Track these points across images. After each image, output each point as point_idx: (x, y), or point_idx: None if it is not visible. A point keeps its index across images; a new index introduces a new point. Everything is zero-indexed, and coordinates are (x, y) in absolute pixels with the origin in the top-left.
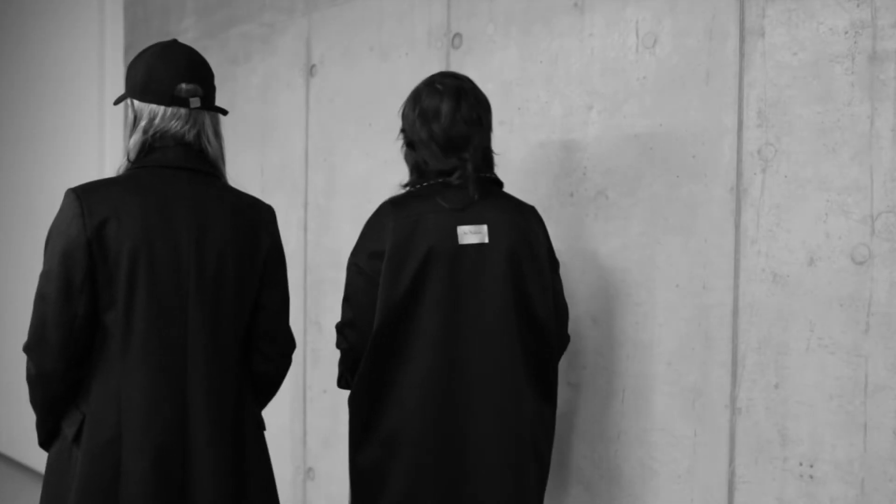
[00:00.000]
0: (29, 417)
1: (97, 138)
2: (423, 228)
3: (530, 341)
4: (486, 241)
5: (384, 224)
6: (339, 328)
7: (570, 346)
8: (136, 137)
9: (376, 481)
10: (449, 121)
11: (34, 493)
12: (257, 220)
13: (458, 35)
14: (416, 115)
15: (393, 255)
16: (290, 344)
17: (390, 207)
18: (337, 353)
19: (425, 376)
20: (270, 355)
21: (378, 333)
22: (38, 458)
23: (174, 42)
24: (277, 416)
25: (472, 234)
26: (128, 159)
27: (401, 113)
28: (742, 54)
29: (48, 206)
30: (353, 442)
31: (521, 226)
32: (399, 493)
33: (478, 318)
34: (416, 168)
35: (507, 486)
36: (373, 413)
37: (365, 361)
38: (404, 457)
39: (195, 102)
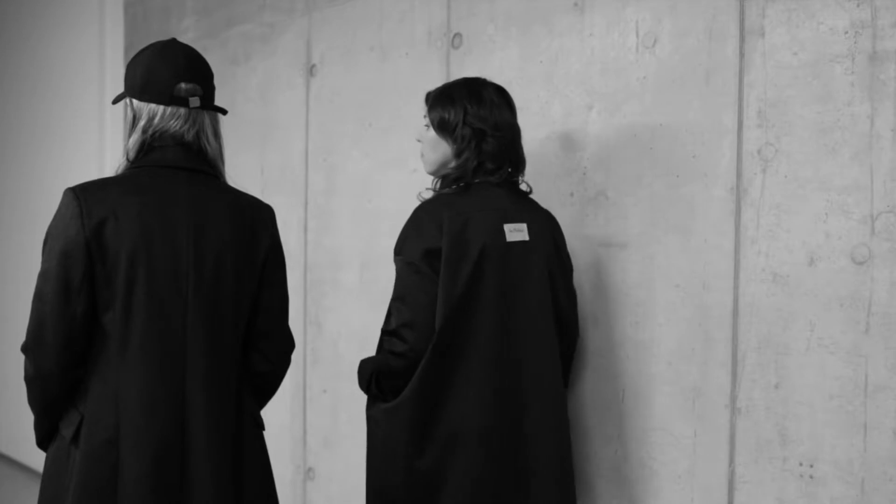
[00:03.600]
0: (29, 417)
1: (97, 138)
2: (475, 226)
3: (559, 339)
4: (528, 238)
5: (436, 222)
6: (395, 331)
7: None
8: (135, 137)
9: (436, 483)
10: (511, 124)
11: (34, 492)
12: (257, 219)
13: (458, 35)
14: (502, 108)
15: (451, 252)
16: (289, 344)
17: (439, 205)
18: (335, 355)
19: (485, 375)
20: (270, 355)
21: (442, 332)
22: (38, 458)
23: (173, 41)
24: (277, 416)
25: (516, 232)
26: (127, 159)
27: (461, 107)
28: (742, 54)
29: (48, 206)
30: (408, 445)
31: (550, 225)
32: (462, 493)
33: (525, 315)
34: (485, 159)
35: (562, 481)
36: (432, 414)
37: (426, 362)
38: (466, 455)
39: (195, 102)
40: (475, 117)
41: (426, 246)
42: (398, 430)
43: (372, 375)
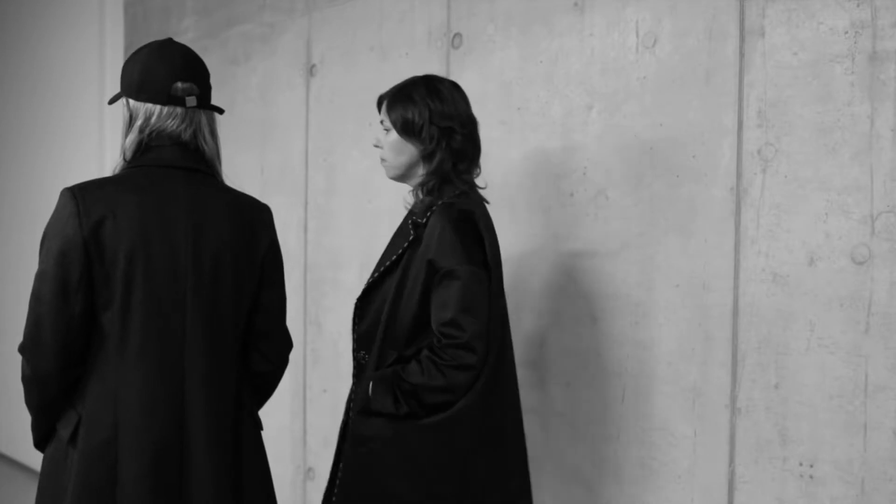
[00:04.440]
0: (28, 417)
1: (97, 138)
2: (494, 233)
3: None
4: None
5: (479, 231)
6: (467, 343)
7: (570, 346)
8: (132, 137)
9: (493, 482)
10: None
11: (33, 492)
12: (255, 219)
13: (458, 35)
14: (461, 102)
15: (494, 260)
16: (287, 344)
17: (467, 212)
18: (335, 355)
19: (515, 379)
20: (269, 355)
21: (498, 341)
22: (37, 458)
23: (169, 41)
24: (277, 416)
25: None
26: (124, 158)
27: (425, 106)
28: (742, 54)
29: (48, 206)
30: (472, 455)
31: None
32: (517, 484)
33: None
34: (464, 158)
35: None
36: (491, 420)
37: (491, 371)
38: (515, 453)
39: (191, 101)
40: (441, 115)
41: (481, 256)
42: (459, 441)
43: (397, 390)
